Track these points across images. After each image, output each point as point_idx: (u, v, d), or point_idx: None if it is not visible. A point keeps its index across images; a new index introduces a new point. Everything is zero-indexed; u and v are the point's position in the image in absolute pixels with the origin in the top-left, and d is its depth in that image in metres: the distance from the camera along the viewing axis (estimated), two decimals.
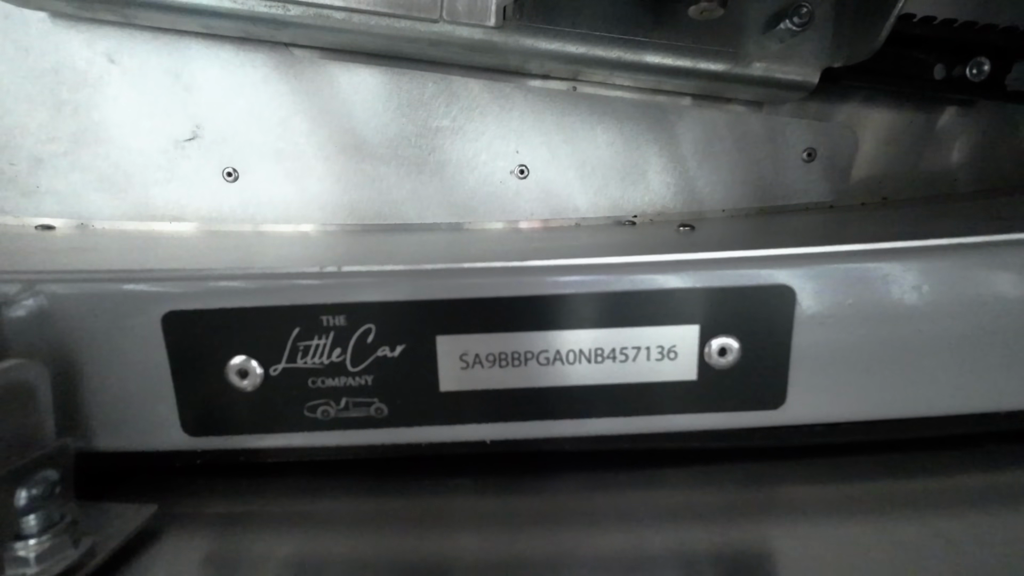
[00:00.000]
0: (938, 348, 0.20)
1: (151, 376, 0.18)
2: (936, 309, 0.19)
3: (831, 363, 0.20)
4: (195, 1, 0.30)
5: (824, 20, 0.30)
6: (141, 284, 0.18)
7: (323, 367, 0.18)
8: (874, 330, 0.19)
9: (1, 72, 0.34)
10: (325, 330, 0.18)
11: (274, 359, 0.18)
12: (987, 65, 0.34)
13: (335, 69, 0.35)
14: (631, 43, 0.31)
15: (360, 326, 0.18)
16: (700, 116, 0.36)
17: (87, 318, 0.18)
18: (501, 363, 0.18)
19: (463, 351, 0.18)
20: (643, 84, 0.35)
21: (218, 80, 0.35)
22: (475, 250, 0.28)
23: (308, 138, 0.36)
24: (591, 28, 0.31)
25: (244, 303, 0.18)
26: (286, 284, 0.18)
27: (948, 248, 0.19)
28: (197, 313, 0.18)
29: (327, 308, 0.18)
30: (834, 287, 0.19)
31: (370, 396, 0.18)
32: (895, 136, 0.38)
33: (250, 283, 0.18)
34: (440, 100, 0.35)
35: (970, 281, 0.19)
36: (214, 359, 0.18)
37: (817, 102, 0.37)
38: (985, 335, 0.20)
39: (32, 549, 0.15)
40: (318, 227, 0.37)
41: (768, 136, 0.37)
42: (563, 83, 0.36)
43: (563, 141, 0.37)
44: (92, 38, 0.34)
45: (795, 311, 0.19)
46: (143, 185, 0.36)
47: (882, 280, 0.19)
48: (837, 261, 0.19)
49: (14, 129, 0.35)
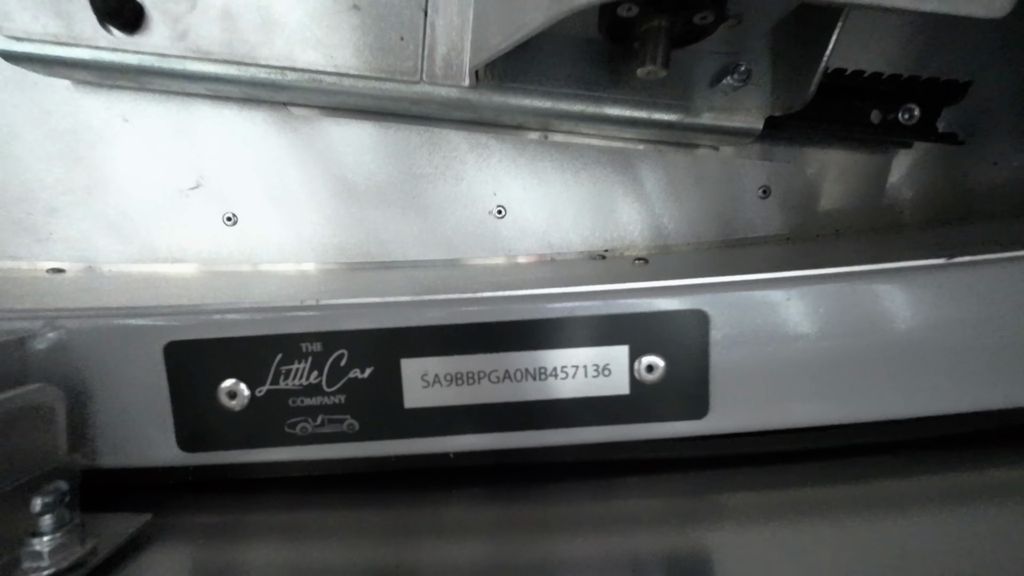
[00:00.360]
0: (838, 362, 0.22)
1: (152, 399, 0.20)
2: (833, 327, 0.22)
3: (748, 377, 0.22)
4: (203, 69, 0.34)
5: (762, 75, 0.34)
6: (146, 319, 0.20)
7: (302, 388, 0.20)
8: (782, 347, 0.22)
9: (24, 132, 0.38)
10: (304, 355, 0.20)
11: (260, 381, 0.20)
12: (917, 111, 0.38)
13: (328, 124, 0.38)
14: (593, 98, 0.35)
15: (334, 351, 0.20)
16: (661, 159, 0.40)
17: (98, 348, 0.20)
18: (457, 382, 0.21)
19: (424, 372, 0.21)
20: (607, 134, 0.39)
21: (221, 136, 0.38)
22: (452, 284, 0.31)
23: (302, 185, 0.39)
24: (556, 86, 0.34)
25: (234, 333, 0.20)
26: (271, 316, 0.20)
27: (836, 276, 0.22)
28: (194, 343, 0.20)
29: (306, 336, 0.20)
30: (743, 311, 0.21)
31: (343, 413, 0.21)
32: (845, 174, 0.42)
33: (240, 316, 0.20)
34: (423, 150, 0.39)
35: (857, 303, 0.22)
36: (207, 382, 0.20)
37: (770, 144, 0.40)
38: (874, 350, 0.22)
39: (46, 545, 0.18)
40: (311, 266, 0.40)
41: (725, 176, 0.40)
42: (535, 133, 0.39)
43: (537, 184, 0.40)
44: (109, 101, 0.38)
45: (710, 332, 0.21)
46: (148, 230, 0.39)
47: (784, 304, 0.22)
48: (743, 289, 0.21)
49: (33, 182, 0.38)
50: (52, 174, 0.38)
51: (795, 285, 0.21)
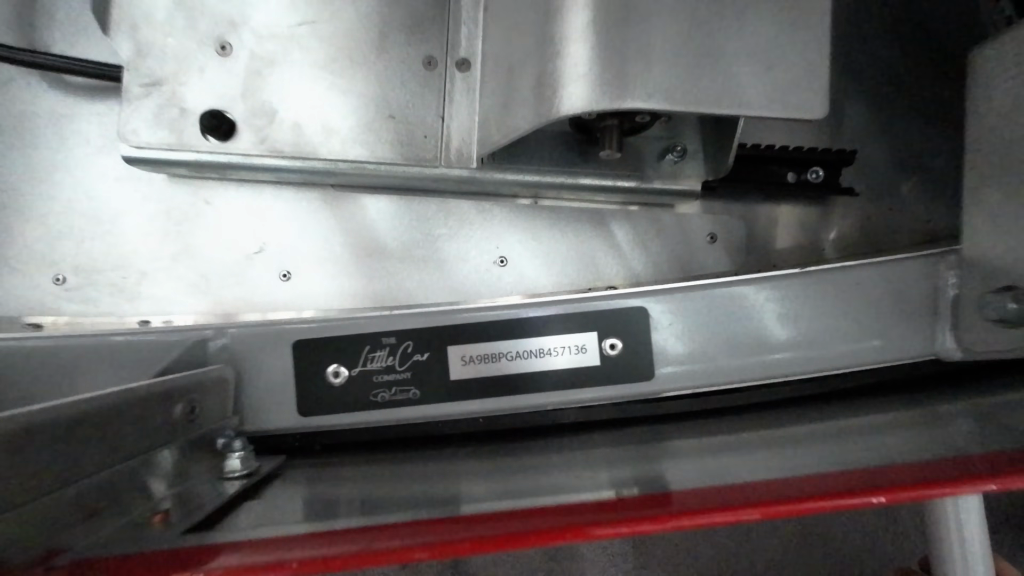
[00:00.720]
0: (737, 339, 0.32)
1: (283, 380, 0.29)
2: (729, 316, 0.32)
3: (677, 350, 0.31)
4: (274, 164, 0.44)
5: (695, 152, 0.45)
6: (282, 326, 0.29)
7: (382, 369, 0.28)
8: (698, 330, 0.31)
9: (126, 213, 0.48)
10: (383, 346, 0.28)
11: (354, 365, 0.29)
12: (821, 172, 0.49)
13: (365, 199, 0.49)
14: (570, 173, 0.46)
15: (403, 343, 0.29)
16: (628, 216, 0.50)
17: (250, 346, 0.28)
18: (485, 361, 0.29)
19: (463, 355, 0.29)
20: (584, 198, 0.49)
21: (281, 211, 0.49)
22: None
23: (344, 247, 0.49)
24: (541, 165, 0.45)
25: (338, 333, 0.29)
26: (362, 321, 0.29)
27: (731, 282, 0.32)
28: (312, 340, 0.29)
29: (385, 334, 0.29)
30: (670, 305, 0.31)
31: (409, 385, 0.29)
32: (775, 221, 0.52)
33: (341, 321, 0.29)
34: (440, 216, 0.49)
35: (744, 300, 0.32)
36: (319, 367, 0.28)
37: (711, 201, 0.51)
38: (758, 331, 0.32)
39: (236, 461, 0.26)
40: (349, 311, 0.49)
41: (679, 227, 0.50)
42: (528, 199, 0.50)
43: (531, 239, 0.50)
44: (197, 189, 0.48)
45: (650, 321, 0.30)
46: (219, 288, 0.48)
47: (698, 301, 0.31)
48: (669, 292, 0.30)
49: (129, 254, 0.48)
50: (146, 246, 0.48)
51: (703, 289, 0.31)
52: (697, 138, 0.45)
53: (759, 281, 0.31)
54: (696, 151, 0.45)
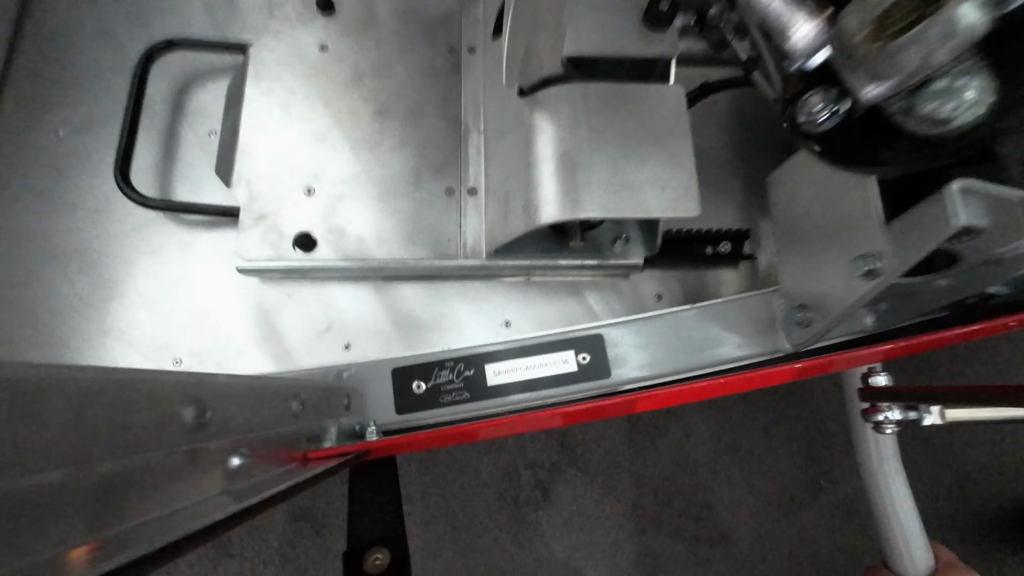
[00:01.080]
0: (655, 351, 0.48)
1: (385, 393, 0.44)
2: (657, 333, 0.48)
3: (625, 359, 0.47)
4: (342, 265, 0.63)
5: (636, 237, 0.65)
6: (385, 358, 0.45)
7: (446, 381, 0.44)
8: (638, 344, 0.48)
9: (229, 308, 0.65)
10: (446, 368, 0.44)
11: (428, 380, 0.44)
12: (729, 245, 0.69)
13: (404, 287, 0.67)
14: (551, 257, 0.65)
15: (458, 363, 0.45)
16: (598, 286, 0.69)
17: (365, 374, 0.44)
18: (509, 372, 0.45)
19: (496, 369, 0.45)
20: (563, 275, 0.68)
21: (343, 298, 0.66)
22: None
23: (389, 322, 0.66)
24: (531, 254, 0.64)
25: (419, 362, 0.45)
26: (432, 354, 0.45)
27: (652, 316, 0.49)
28: (404, 368, 0.45)
29: (446, 361, 0.45)
30: (618, 332, 0.48)
31: (462, 391, 0.44)
32: (702, 280, 0.71)
33: (420, 355, 0.45)
34: (460, 294, 0.67)
35: (656, 327, 0.49)
36: (408, 383, 0.44)
37: (652, 269, 0.70)
38: (666, 344, 0.48)
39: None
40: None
41: (633, 291, 0.69)
42: (523, 277, 0.69)
43: (527, 307, 0.68)
44: (282, 287, 0.66)
45: (605, 341, 0.47)
46: (298, 358, 0.64)
47: (635, 326, 0.48)
48: (615, 325, 0.48)
49: (231, 337, 0.64)
50: (243, 331, 0.64)
51: (638, 321, 0.48)
52: (636, 229, 0.65)
53: (673, 313, 0.49)
54: (636, 237, 0.65)
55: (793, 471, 0.99)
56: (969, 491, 1.02)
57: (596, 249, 0.65)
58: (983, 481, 1.03)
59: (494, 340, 0.66)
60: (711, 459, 0.98)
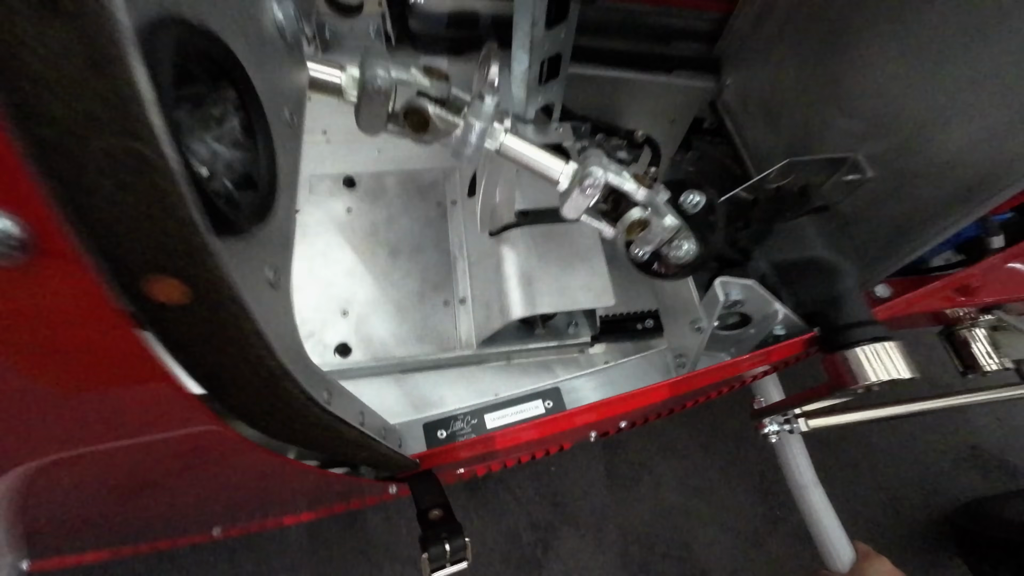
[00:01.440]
0: (605, 387, 0.70)
1: (418, 436, 0.64)
2: (598, 383, 0.71)
3: (574, 398, 0.69)
4: (369, 365, 0.85)
5: (583, 322, 0.90)
6: (416, 416, 0.65)
7: (459, 429, 0.64)
8: (584, 393, 0.70)
9: None
10: (459, 420, 0.65)
11: (448, 429, 0.64)
12: (652, 321, 0.94)
13: (416, 376, 0.88)
14: (524, 343, 0.88)
15: (466, 414, 0.65)
16: (562, 360, 0.92)
17: (406, 432, 0.64)
18: (503, 417, 0.66)
19: (492, 416, 0.66)
20: (534, 356, 0.91)
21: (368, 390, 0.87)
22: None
23: (405, 405, 0.86)
24: (509, 342, 0.88)
25: (440, 417, 0.65)
26: (451, 411, 0.66)
27: (588, 372, 0.72)
28: (431, 421, 0.65)
29: (461, 414, 0.66)
30: (569, 384, 0.70)
31: (472, 432, 0.64)
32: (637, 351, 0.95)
33: (442, 412, 0.66)
34: (461, 378, 0.89)
35: (600, 378, 0.72)
36: (435, 431, 0.64)
37: (603, 343, 0.94)
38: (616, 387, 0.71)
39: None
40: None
41: (589, 361, 0.92)
42: (504, 360, 0.91)
43: (511, 381, 0.89)
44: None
45: (561, 391, 0.69)
46: None
47: (579, 380, 0.71)
48: (567, 379, 0.70)
49: None
50: None
51: (581, 376, 0.71)
52: (582, 316, 0.90)
53: (604, 369, 0.72)
54: (583, 322, 0.90)
55: (753, 506, 1.13)
56: (901, 507, 1.17)
57: (556, 334, 0.89)
58: (913, 496, 1.19)
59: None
60: (682, 502, 1.12)
